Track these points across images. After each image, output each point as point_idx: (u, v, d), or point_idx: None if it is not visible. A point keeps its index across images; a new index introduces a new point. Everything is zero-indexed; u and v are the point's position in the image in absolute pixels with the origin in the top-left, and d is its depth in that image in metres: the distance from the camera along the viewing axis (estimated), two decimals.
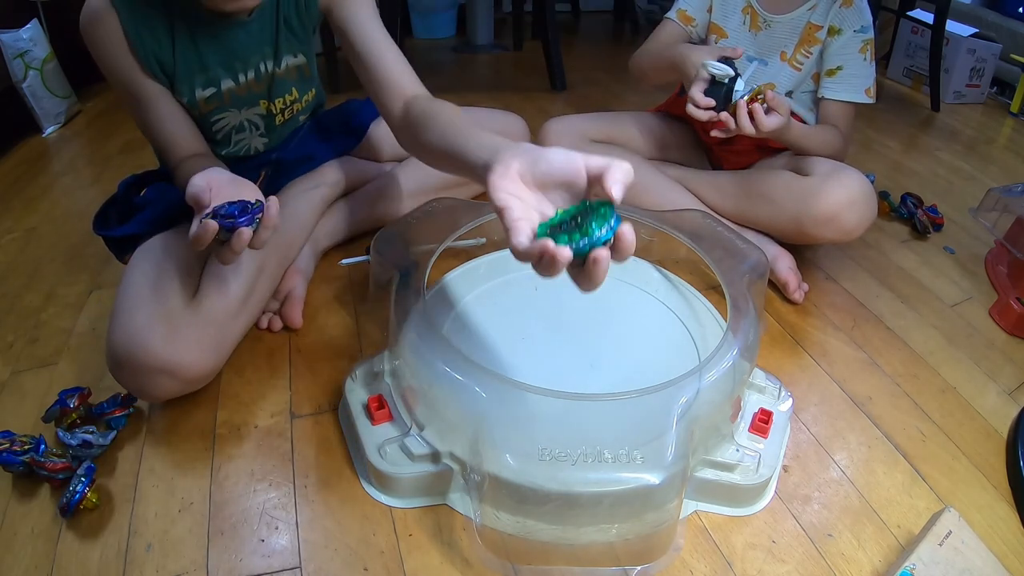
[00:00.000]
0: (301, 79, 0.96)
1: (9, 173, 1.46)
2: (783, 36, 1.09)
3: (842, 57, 1.05)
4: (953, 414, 0.84)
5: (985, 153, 1.68)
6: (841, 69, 1.05)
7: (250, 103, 0.93)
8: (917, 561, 0.61)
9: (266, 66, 0.91)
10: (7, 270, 1.11)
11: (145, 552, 0.65)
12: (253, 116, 0.95)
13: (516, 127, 1.24)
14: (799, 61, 1.09)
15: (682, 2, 1.18)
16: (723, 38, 1.14)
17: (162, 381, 0.75)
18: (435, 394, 0.68)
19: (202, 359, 0.77)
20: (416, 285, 0.78)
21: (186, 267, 0.82)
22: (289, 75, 0.94)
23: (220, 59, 0.87)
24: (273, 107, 0.95)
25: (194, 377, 0.77)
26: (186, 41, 0.84)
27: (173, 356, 0.74)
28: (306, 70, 0.96)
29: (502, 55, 2.37)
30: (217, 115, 0.91)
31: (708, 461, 0.69)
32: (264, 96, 0.93)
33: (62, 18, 1.69)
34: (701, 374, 0.67)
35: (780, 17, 1.09)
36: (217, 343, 0.79)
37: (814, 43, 1.07)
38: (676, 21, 1.17)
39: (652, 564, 0.63)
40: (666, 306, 0.92)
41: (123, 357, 0.73)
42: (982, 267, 1.16)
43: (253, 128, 0.96)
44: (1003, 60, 2.03)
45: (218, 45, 0.86)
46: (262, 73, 0.91)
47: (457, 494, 0.70)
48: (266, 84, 0.92)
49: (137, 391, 0.77)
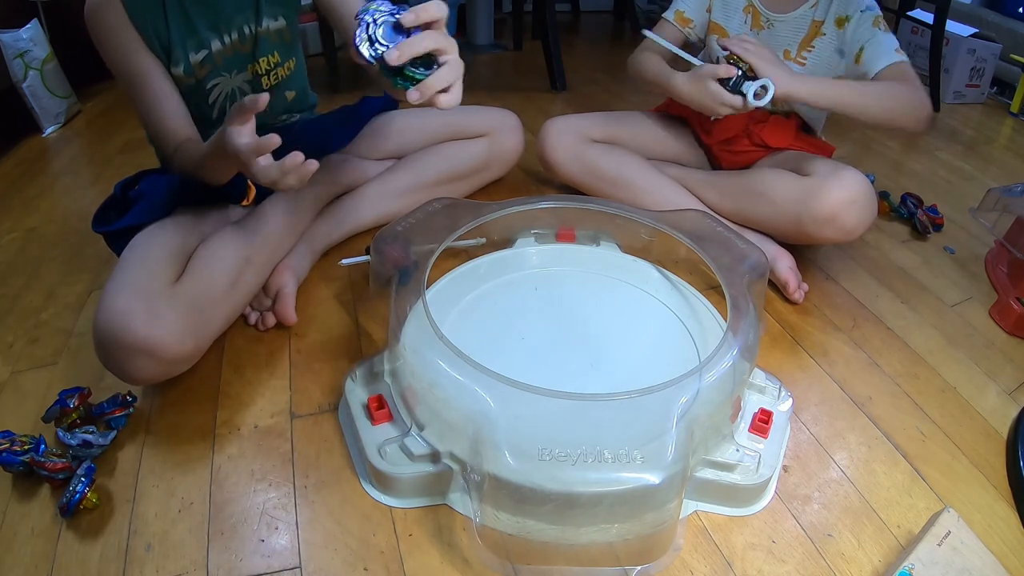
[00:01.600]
0: (282, 44, 1.01)
1: (9, 173, 1.46)
2: (786, 35, 1.09)
3: (860, 38, 1.04)
4: (953, 414, 0.84)
5: (985, 153, 1.68)
6: (864, 49, 1.04)
7: (238, 66, 0.98)
8: (916, 561, 0.61)
9: (249, 27, 0.96)
10: (7, 270, 1.11)
11: (145, 552, 0.65)
12: (242, 83, 0.99)
13: (508, 122, 1.24)
14: (803, 58, 1.09)
15: (680, 3, 1.18)
16: (724, 37, 1.14)
17: (142, 362, 0.74)
18: (435, 394, 0.68)
19: (182, 341, 0.76)
20: (416, 285, 0.78)
21: (174, 253, 0.84)
22: (270, 37, 0.99)
23: (207, 21, 0.92)
24: (259, 67, 1.00)
25: (173, 358, 0.76)
26: (176, 7, 0.90)
27: (152, 336, 0.73)
28: (286, 35, 1.01)
29: (502, 55, 2.37)
30: (212, 80, 0.96)
31: (708, 461, 0.69)
32: (249, 58, 0.98)
33: (62, 18, 1.69)
34: (701, 374, 0.67)
35: (783, 16, 1.09)
36: (198, 327, 0.79)
37: (818, 37, 1.07)
38: (673, 23, 1.17)
39: (652, 564, 0.63)
40: (666, 306, 0.92)
41: (105, 338, 0.73)
42: (982, 267, 1.16)
43: (241, 95, 1.00)
44: (1003, 60, 2.03)
45: (204, 6, 0.91)
46: (245, 34, 0.96)
47: (457, 494, 0.70)
48: (250, 44, 0.97)
49: (120, 373, 0.76)
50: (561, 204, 0.99)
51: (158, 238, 0.85)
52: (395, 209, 1.12)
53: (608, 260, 1.00)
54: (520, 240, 1.02)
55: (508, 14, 2.57)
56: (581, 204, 1.00)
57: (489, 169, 1.26)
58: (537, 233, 1.03)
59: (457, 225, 0.90)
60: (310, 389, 0.85)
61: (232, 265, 0.86)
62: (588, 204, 1.00)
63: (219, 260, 0.86)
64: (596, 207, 0.99)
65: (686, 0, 1.18)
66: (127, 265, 0.79)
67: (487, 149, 1.23)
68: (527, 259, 1.00)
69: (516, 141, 1.26)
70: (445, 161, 1.19)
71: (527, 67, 2.20)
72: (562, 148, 1.21)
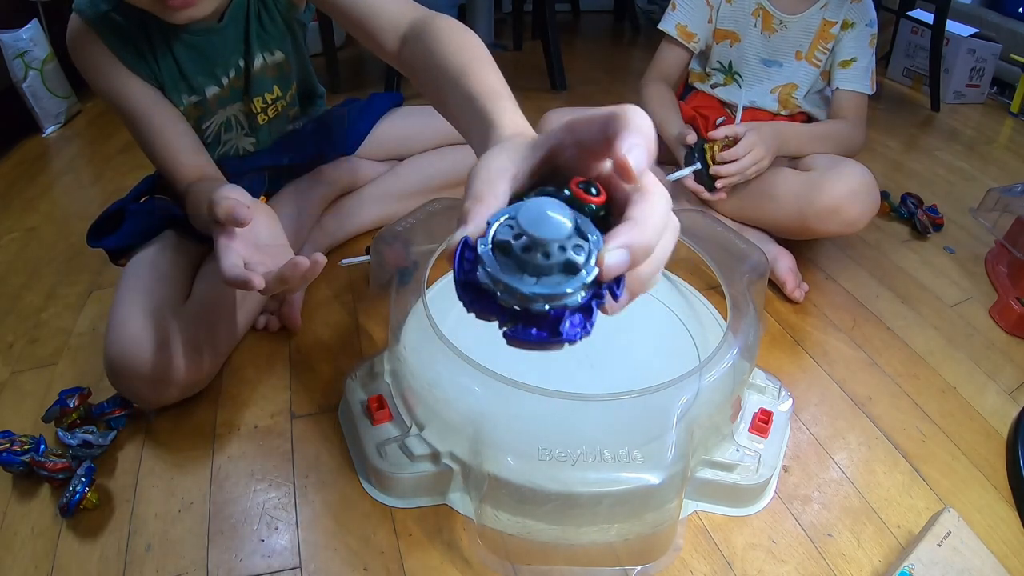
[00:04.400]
0: (281, 76, 0.96)
1: (9, 173, 1.46)
2: (798, 35, 1.10)
3: (856, 49, 1.07)
4: (953, 414, 0.84)
5: (985, 153, 1.68)
6: (856, 61, 1.08)
7: (233, 100, 0.93)
8: (916, 561, 0.61)
9: (242, 65, 0.91)
10: (7, 270, 1.11)
11: (145, 552, 0.65)
12: (237, 113, 0.95)
13: None
14: (818, 58, 1.10)
15: (679, 15, 1.17)
16: (736, 43, 1.14)
17: (159, 389, 0.75)
18: (435, 394, 0.68)
19: (197, 364, 0.77)
20: (416, 285, 0.78)
21: (178, 274, 0.83)
22: (267, 72, 0.93)
23: (200, 67, 0.87)
24: (254, 106, 0.95)
25: (190, 382, 0.77)
26: (167, 55, 0.84)
27: (168, 364, 0.74)
28: (286, 66, 0.96)
29: (502, 55, 2.37)
30: (207, 121, 0.92)
31: (708, 461, 0.69)
32: (241, 95, 0.94)
33: (62, 18, 1.68)
34: (701, 374, 0.67)
35: (795, 17, 1.09)
36: (212, 347, 0.80)
37: (829, 39, 1.09)
38: (676, 38, 1.17)
39: (652, 564, 0.63)
40: (666, 306, 0.92)
41: (119, 368, 0.73)
42: (982, 267, 1.16)
43: (239, 127, 0.97)
44: (1003, 60, 2.03)
45: (196, 54, 0.86)
46: (240, 70, 0.91)
47: (457, 494, 0.70)
48: (243, 81, 0.92)
49: (136, 399, 0.77)
50: None
51: (161, 256, 0.83)
52: (397, 211, 1.12)
53: None
54: None
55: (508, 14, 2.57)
56: None
57: None
58: None
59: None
60: (310, 389, 0.85)
61: None
62: None
63: None
64: None
65: (684, 11, 1.17)
66: (132, 288, 0.78)
67: None
68: None
69: None
70: (448, 164, 1.18)
71: (527, 67, 2.20)
72: None
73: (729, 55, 1.17)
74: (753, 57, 1.15)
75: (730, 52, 1.17)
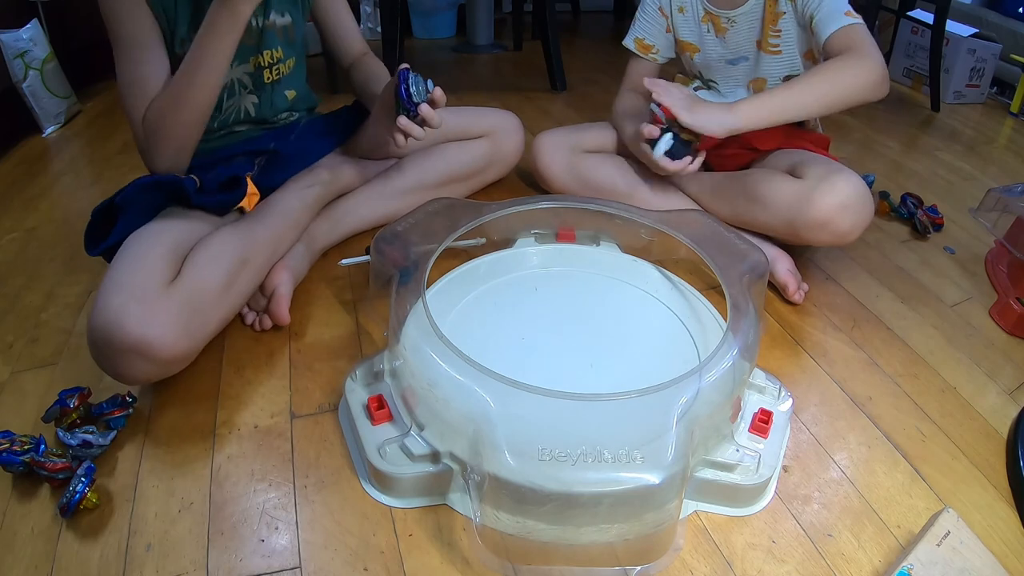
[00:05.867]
0: (286, 40, 1.03)
1: (9, 173, 1.46)
2: (748, 25, 1.10)
3: (809, 7, 1.02)
4: (953, 414, 0.84)
5: (985, 153, 1.68)
6: (814, 17, 1.01)
7: (241, 57, 0.97)
8: (915, 561, 0.61)
9: (256, 20, 0.96)
10: (7, 270, 1.11)
11: (145, 552, 0.65)
12: (242, 75, 0.99)
13: (509, 123, 1.25)
14: (773, 44, 1.09)
15: (637, 29, 1.20)
16: (696, 52, 1.16)
17: (136, 362, 0.74)
18: (435, 394, 0.68)
19: (176, 341, 0.76)
20: (416, 285, 0.78)
21: (169, 252, 0.82)
22: (276, 32, 1.00)
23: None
24: (261, 59, 1.00)
25: (168, 358, 0.76)
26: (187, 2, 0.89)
27: (146, 336, 0.73)
28: (291, 32, 1.03)
29: (502, 55, 2.37)
30: None
31: (708, 461, 0.69)
32: (253, 50, 0.98)
33: (62, 18, 1.69)
34: (701, 374, 0.67)
35: (737, 11, 1.09)
36: (193, 327, 0.79)
37: (779, 17, 1.07)
38: (637, 53, 1.21)
39: (652, 564, 0.63)
40: (666, 306, 0.92)
41: (99, 337, 0.73)
42: (982, 267, 1.16)
43: (242, 88, 1.00)
44: (1003, 60, 2.03)
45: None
46: (252, 27, 0.95)
47: (457, 494, 0.70)
48: (255, 37, 0.97)
49: (114, 373, 0.76)
50: (561, 204, 0.99)
51: (153, 237, 0.84)
52: (395, 210, 1.12)
53: (608, 260, 1.00)
54: (520, 240, 1.03)
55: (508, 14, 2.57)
56: (581, 204, 1.00)
57: (489, 170, 1.26)
58: (537, 233, 1.03)
59: (457, 225, 0.90)
60: (310, 389, 0.85)
61: (228, 266, 0.86)
62: (588, 204, 1.00)
63: (215, 260, 0.84)
64: (596, 207, 0.99)
65: (641, 24, 1.19)
66: (122, 265, 0.79)
67: (488, 150, 1.23)
68: (527, 259, 1.00)
69: (517, 142, 1.26)
70: (445, 162, 1.19)
71: (527, 67, 2.20)
72: (556, 163, 1.21)
73: (696, 66, 1.20)
74: (717, 61, 1.16)
75: (695, 63, 1.19)
